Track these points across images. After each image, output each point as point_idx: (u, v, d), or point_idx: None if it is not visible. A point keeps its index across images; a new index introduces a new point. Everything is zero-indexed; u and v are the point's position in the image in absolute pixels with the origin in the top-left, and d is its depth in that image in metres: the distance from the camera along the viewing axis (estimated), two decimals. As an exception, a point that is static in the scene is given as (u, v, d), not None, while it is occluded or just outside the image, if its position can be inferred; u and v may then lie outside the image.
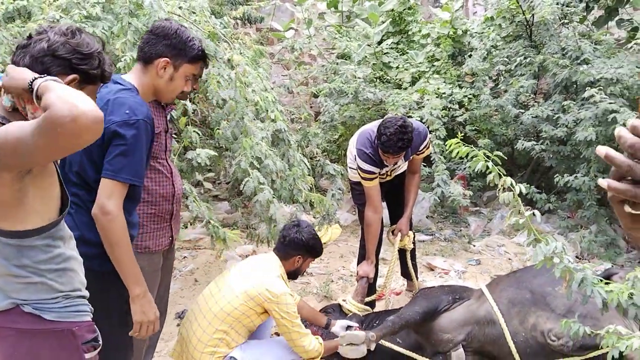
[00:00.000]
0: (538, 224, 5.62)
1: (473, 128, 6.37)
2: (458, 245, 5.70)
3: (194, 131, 3.35)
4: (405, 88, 6.53)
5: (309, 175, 4.23)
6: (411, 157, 4.06)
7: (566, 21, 5.98)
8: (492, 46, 6.35)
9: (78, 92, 1.42)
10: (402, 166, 4.19)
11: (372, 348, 3.06)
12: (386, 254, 5.45)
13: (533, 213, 2.81)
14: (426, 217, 6.34)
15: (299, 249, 3.20)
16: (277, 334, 3.62)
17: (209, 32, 3.70)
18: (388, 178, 4.16)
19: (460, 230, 6.19)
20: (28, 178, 1.57)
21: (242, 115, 3.51)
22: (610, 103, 4.66)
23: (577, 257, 5.20)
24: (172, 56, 2.38)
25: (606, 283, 2.68)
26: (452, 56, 6.89)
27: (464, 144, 3.02)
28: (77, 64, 1.72)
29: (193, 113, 3.56)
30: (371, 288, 4.13)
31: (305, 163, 3.96)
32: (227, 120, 3.64)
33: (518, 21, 6.56)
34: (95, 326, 1.84)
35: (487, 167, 2.93)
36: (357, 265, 4.21)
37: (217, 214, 6.70)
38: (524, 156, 6.29)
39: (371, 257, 3.98)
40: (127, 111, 2.18)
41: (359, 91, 5.90)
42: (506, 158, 6.58)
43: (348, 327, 3.46)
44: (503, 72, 6.46)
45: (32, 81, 1.49)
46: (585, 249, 5.07)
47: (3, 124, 1.51)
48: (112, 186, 2.08)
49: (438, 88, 6.26)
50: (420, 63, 6.87)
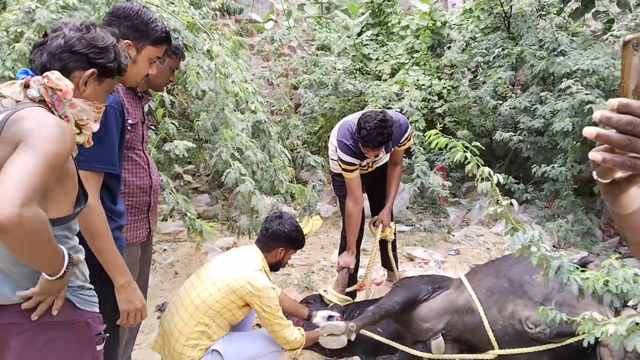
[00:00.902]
0: (516, 214, 5.70)
1: (452, 119, 6.42)
2: (437, 235, 5.76)
3: (172, 123, 3.31)
4: (385, 80, 6.54)
5: (290, 166, 4.23)
6: (392, 149, 4.08)
7: (543, 13, 6.05)
8: (471, 38, 6.40)
9: None
10: (384, 158, 4.21)
11: (353, 338, 3.09)
12: (367, 245, 5.48)
13: (510, 202, 2.84)
14: (406, 208, 6.39)
15: (282, 241, 3.19)
16: (259, 326, 3.63)
17: (188, 23, 3.67)
18: (369, 169, 4.18)
19: (439, 220, 6.25)
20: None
21: (223, 106, 3.48)
22: (586, 94, 4.73)
23: (554, 246, 5.29)
24: (135, 38, 2.33)
25: (582, 271, 2.74)
26: (432, 48, 6.92)
27: (443, 135, 3.05)
28: (95, 58, 1.75)
29: (171, 105, 3.52)
30: (352, 278, 4.16)
31: (285, 154, 3.96)
32: (207, 111, 3.62)
33: (496, 13, 6.62)
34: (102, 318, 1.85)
35: (466, 158, 2.96)
36: (338, 256, 4.23)
37: (198, 207, 6.68)
38: (502, 147, 6.37)
39: (352, 248, 4.00)
40: None
41: (339, 83, 5.90)
42: (485, 149, 6.67)
43: (329, 318, 3.48)
44: (481, 64, 6.52)
45: None
46: (562, 238, 5.16)
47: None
48: (87, 176, 2.06)
49: (417, 80, 6.28)
50: (399, 55, 6.88)
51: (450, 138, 3.05)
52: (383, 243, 4.37)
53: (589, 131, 0.86)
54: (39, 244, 1.47)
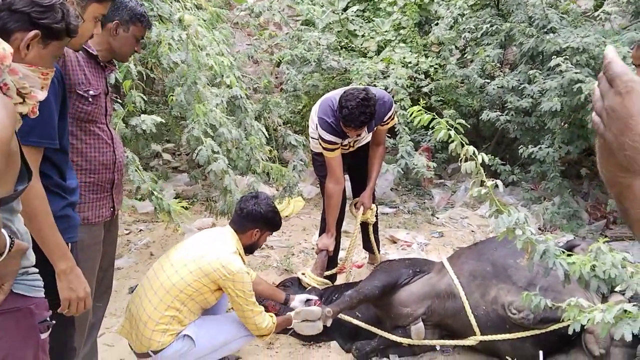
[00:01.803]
0: (501, 196, 5.59)
1: (438, 99, 6.26)
2: (421, 217, 5.63)
3: (139, 95, 3.12)
4: (370, 57, 6.35)
5: (268, 145, 4.06)
6: (375, 128, 3.92)
7: (534, -10, 5.87)
8: (459, 14, 6.20)
9: None
10: (366, 137, 4.05)
11: (329, 324, 2.96)
12: (349, 227, 5.35)
13: (496, 184, 2.72)
14: (390, 190, 6.25)
15: (257, 222, 3.04)
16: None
17: (161, -9, 3.46)
18: (351, 149, 4.02)
19: (424, 202, 6.12)
20: None
21: (195, 79, 3.30)
22: (576, 73, 4.59)
23: (540, 229, 5.20)
24: None
25: (568, 255, 2.63)
26: (419, 24, 6.72)
27: (426, 112, 2.91)
28: (38, 18, 1.59)
29: (140, 77, 3.32)
30: (332, 261, 4.03)
31: (262, 132, 3.79)
32: (180, 85, 3.43)
33: (486, -11, 6.43)
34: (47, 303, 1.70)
35: (450, 136, 2.83)
36: (319, 238, 4.08)
37: (177, 186, 6.49)
38: (489, 128, 6.23)
39: (331, 230, 3.85)
40: None
41: (322, 59, 5.70)
42: (471, 129, 6.53)
43: (307, 302, 3.35)
44: (469, 41, 6.34)
45: None
46: (547, 221, 5.06)
47: None
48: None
49: (404, 57, 6.10)
50: (386, 31, 6.68)
51: (434, 115, 2.91)
52: (364, 225, 4.23)
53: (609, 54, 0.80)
54: None
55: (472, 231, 5.31)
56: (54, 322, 1.71)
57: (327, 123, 3.65)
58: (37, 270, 1.69)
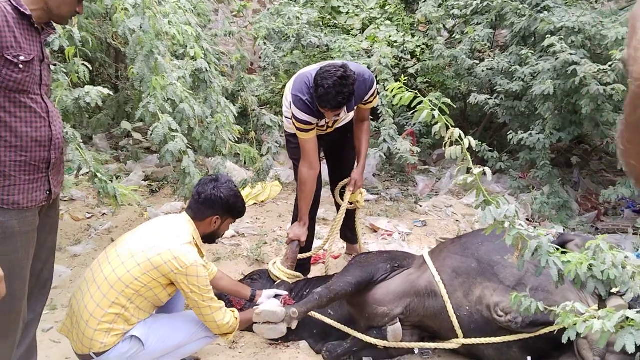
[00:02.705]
0: (488, 184, 5.31)
1: (425, 80, 5.94)
2: (404, 205, 5.33)
3: (83, 64, 2.75)
4: (354, 35, 6.00)
5: (239, 124, 3.72)
6: (355, 108, 3.59)
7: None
8: (449, -9, 5.86)
9: None
10: (345, 118, 3.72)
11: (294, 327, 2.64)
12: (328, 214, 5.04)
13: (483, 171, 2.43)
14: (372, 175, 5.94)
15: (217, 208, 2.72)
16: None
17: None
18: (329, 130, 3.68)
19: (407, 189, 5.82)
20: None
21: (151, 48, 2.94)
22: (570, 54, 4.29)
23: (528, 220, 4.93)
24: None
25: (562, 252, 2.35)
26: (406, 2, 6.37)
27: (408, 89, 2.60)
28: None
29: (105, 51, 2.96)
30: (307, 249, 3.71)
31: (230, 109, 3.44)
32: (137, 55, 3.07)
33: (477, -35, 6.08)
34: None
35: (433, 117, 2.53)
36: (290, 226, 3.75)
37: (147, 168, 6.15)
38: (477, 112, 5.94)
39: (304, 219, 3.53)
40: None
41: (302, 35, 5.33)
42: (458, 113, 6.23)
43: (276, 297, 3.05)
44: (458, 19, 5.99)
45: None
46: (536, 211, 4.78)
47: None
48: None
49: (389, 36, 5.77)
50: (371, 9, 6.32)
51: (416, 94, 2.60)
52: (350, 212, 3.90)
53: None
54: None
55: (457, 221, 5.02)
56: None
57: (302, 101, 3.31)
58: None
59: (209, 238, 2.81)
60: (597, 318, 2.11)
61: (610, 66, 4.16)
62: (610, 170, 6.17)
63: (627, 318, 2.03)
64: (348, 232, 4.13)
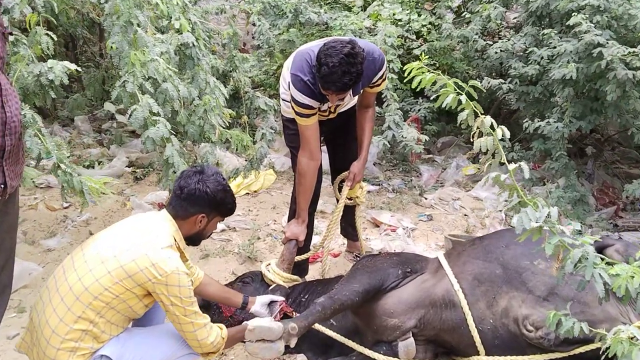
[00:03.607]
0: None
1: (431, 62, 5.52)
2: (408, 197, 4.96)
3: (46, 34, 2.34)
4: (356, 12, 5.57)
5: (230, 108, 3.32)
6: (362, 91, 3.18)
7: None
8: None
9: None
10: (350, 102, 3.32)
11: (292, 344, 2.26)
12: (327, 207, 4.67)
13: (520, 167, 2.09)
14: (373, 165, 5.56)
15: (202, 205, 2.32)
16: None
17: None
18: (331, 116, 3.28)
19: (410, 180, 5.45)
20: None
21: (129, 18, 2.52)
22: (596, 35, 3.90)
23: (542, 215, 4.57)
24: None
25: (607, 263, 2.00)
26: (411, -23, 5.94)
27: (429, 70, 2.25)
28: None
29: (56, 15, 2.53)
30: (303, 252, 3.33)
31: (221, 90, 3.03)
32: (112, 26, 2.65)
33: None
34: None
35: (459, 102, 2.18)
36: (287, 224, 3.35)
37: (131, 153, 5.74)
38: (486, 98, 5.54)
39: (302, 215, 3.14)
40: None
41: (300, 10, 4.91)
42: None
43: (270, 304, 2.68)
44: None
45: None
46: (551, 206, 4.41)
47: None
48: None
49: (393, 14, 5.35)
50: (374, -16, 5.88)
51: (438, 74, 2.24)
52: (349, 208, 3.51)
53: None
54: None
55: (465, 215, 4.66)
56: None
57: (303, 82, 2.91)
58: None
59: (194, 239, 2.42)
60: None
61: (640, 49, 3.80)
62: (624, 161, 5.82)
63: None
64: (349, 228, 3.75)
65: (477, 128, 2.17)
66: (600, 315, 2.33)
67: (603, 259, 2.00)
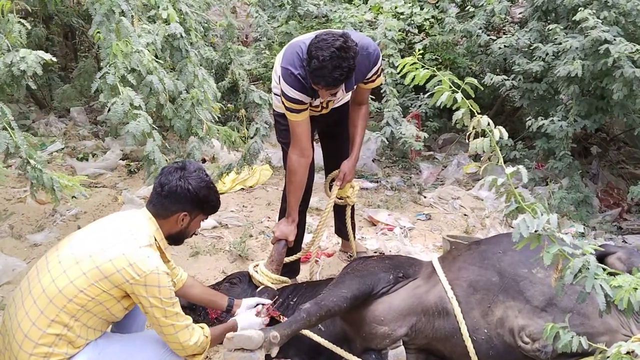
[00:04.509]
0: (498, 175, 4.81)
1: (433, 57, 5.39)
2: (406, 195, 4.84)
3: (19, 21, 2.22)
4: (357, 5, 5.44)
5: (220, 102, 3.20)
6: (355, 87, 3.06)
7: None
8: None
9: None
10: (343, 97, 3.19)
11: (274, 354, 2.16)
12: (321, 203, 4.56)
13: (518, 171, 1.97)
14: (372, 161, 5.44)
15: (184, 203, 2.22)
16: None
17: None
18: (323, 111, 3.16)
19: (409, 177, 5.32)
20: None
21: (111, 6, 2.41)
22: (603, 31, 3.76)
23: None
24: None
25: (609, 274, 1.89)
26: (415, -30, 5.79)
27: (423, 66, 2.12)
28: None
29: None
30: (293, 252, 3.22)
31: (209, 84, 2.91)
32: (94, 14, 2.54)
33: None
34: None
35: (455, 101, 2.06)
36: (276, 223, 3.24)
37: (126, 146, 5.63)
38: (489, 95, 5.41)
39: (292, 215, 3.03)
40: None
41: (299, 2, 4.77)
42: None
43: (257, 307, 2.58)
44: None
45: None
46: (554, 207, 4.28)
47: None
48: None
49: (395, 7, 5.21)
50: (376, -24, 5.74)
51: (433, 71, 2.12)
52: (341, 207, 3.39)
53: None
54: None
55: (465, 214, 4.53)
56: None
57: (293, 76, 2.79)
58: None
59: (176, 238, 2.32)
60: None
61: (649, 47, 3.66)
62: (630, 161, 5.68)
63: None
64: (343, 227, 3.63)
65: (473, 128, 2.05)
66: (600, 327, 2.22)
67: (605, 269, 1.88)
